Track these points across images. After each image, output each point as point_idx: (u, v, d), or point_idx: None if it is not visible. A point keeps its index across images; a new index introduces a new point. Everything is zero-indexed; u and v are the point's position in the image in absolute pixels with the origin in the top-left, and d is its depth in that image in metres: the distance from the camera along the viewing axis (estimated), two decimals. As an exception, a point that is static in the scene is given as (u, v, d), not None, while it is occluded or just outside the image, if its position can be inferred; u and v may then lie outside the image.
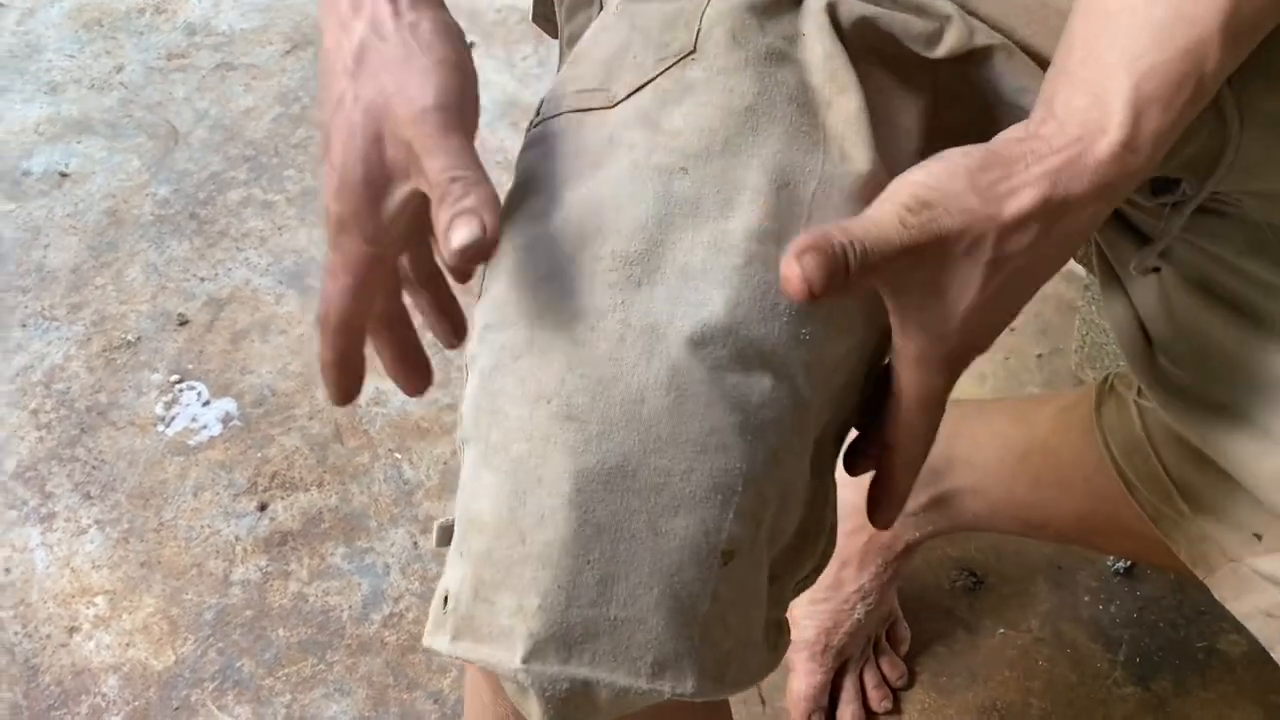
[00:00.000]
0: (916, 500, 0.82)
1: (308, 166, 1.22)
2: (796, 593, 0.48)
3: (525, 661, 0.40)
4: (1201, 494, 0.61)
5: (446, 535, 0.44)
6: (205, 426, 1.03)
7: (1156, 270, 0.56)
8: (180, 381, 1.06)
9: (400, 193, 0.44)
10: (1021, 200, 0.39)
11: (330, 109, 0.44)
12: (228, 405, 1.05)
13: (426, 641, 0.43)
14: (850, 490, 0.82)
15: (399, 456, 1.02)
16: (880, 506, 0.48)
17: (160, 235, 1.16)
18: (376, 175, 0.44)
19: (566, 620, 0.40)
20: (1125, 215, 0.57)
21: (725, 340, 0.41)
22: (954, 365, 0.44)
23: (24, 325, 1.09)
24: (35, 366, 1.06)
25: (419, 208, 0.44)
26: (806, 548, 0.47)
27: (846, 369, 0.46)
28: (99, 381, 1.05)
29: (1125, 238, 0.57)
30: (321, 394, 1.05)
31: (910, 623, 0.91)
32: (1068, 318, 1.08)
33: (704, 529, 0.40)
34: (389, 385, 1.07)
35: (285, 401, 1.05)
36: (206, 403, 1.05)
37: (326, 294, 0.47)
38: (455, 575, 0.42)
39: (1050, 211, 0.40)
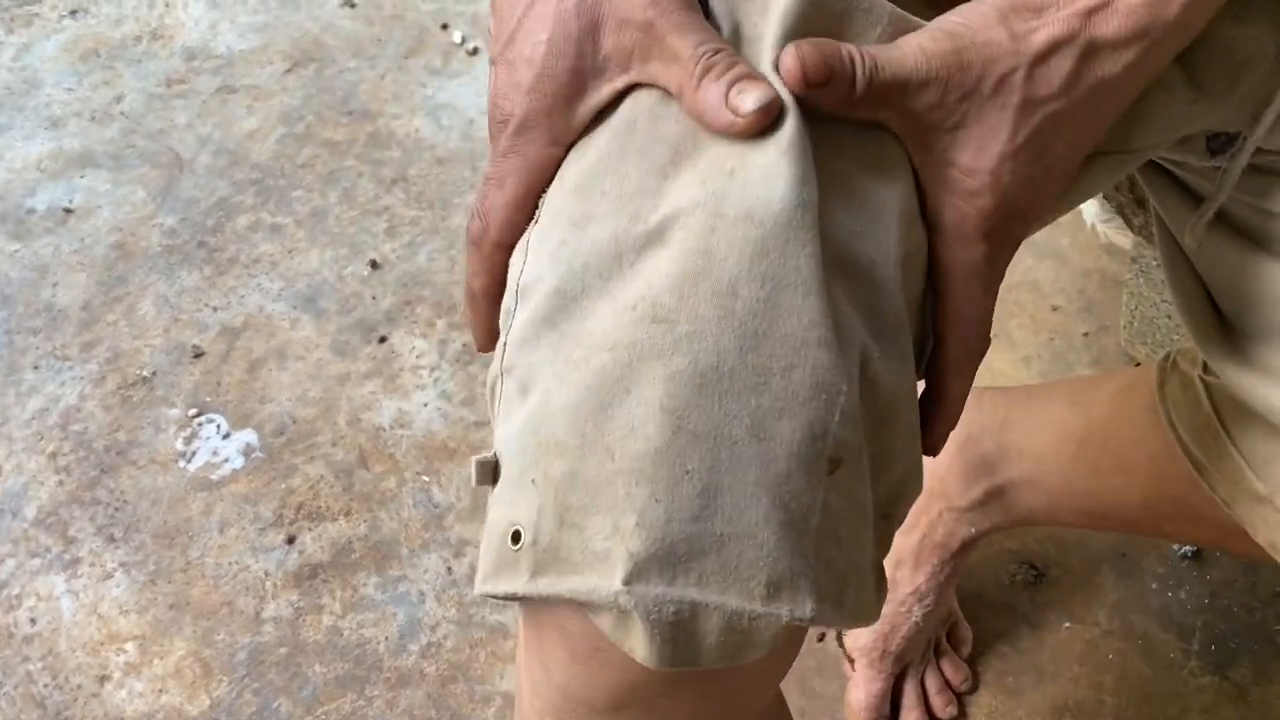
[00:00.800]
0: (970, 495, 0.78)
1: (315, 186, 1.19)
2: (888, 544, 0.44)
3: (627, 583, 0.36)
4: (1278, 473, 0.57)
5: (490, 472, 0.40)
6: (227, 460, 1.00)
7: (1218, 235, 0.53)
8: (199, 415, 1.03)
9: (606, 89, 0.40)
10: (1051, 31, 0.39)
11: (521, 6, 0.41)
12: (248, 436, 1.02)
13: (486, 588, 0.39)
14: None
15: (427, 480, 0.99)
16: (932, 422, 0.43)
17: (170, 266, 1.13)
18: (586, 67, 0.40)
19: (668, 536, 0.36)
20: (1182, 179, 0.53)
21: (815, 228, 0.38)
22: (993, 235, 0.40)
23: (36, 367, 1.06)
24: (50, 409, 1.03)
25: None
26: (907, 482, 0.42)
27: (920, 274, 0.42)
28: (116, 420, 1.03)
29: (1183, 203, 0.53)
30: (344, 419, 1.03)
31: (971, 622, 0.87)
32: (1113, 293, 1.04)
33: (810, 432, 0.37)
34: (412, 406, 1.05)
35: (307, 429, 1.02)
36: (227, 435, 1.02)
37: (488, 206, 0.42)
38: (526, 507, 0.38)
39: (1081, 49, 0.39)
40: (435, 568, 0.94)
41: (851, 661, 0.83)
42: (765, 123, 0.37)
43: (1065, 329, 1.03)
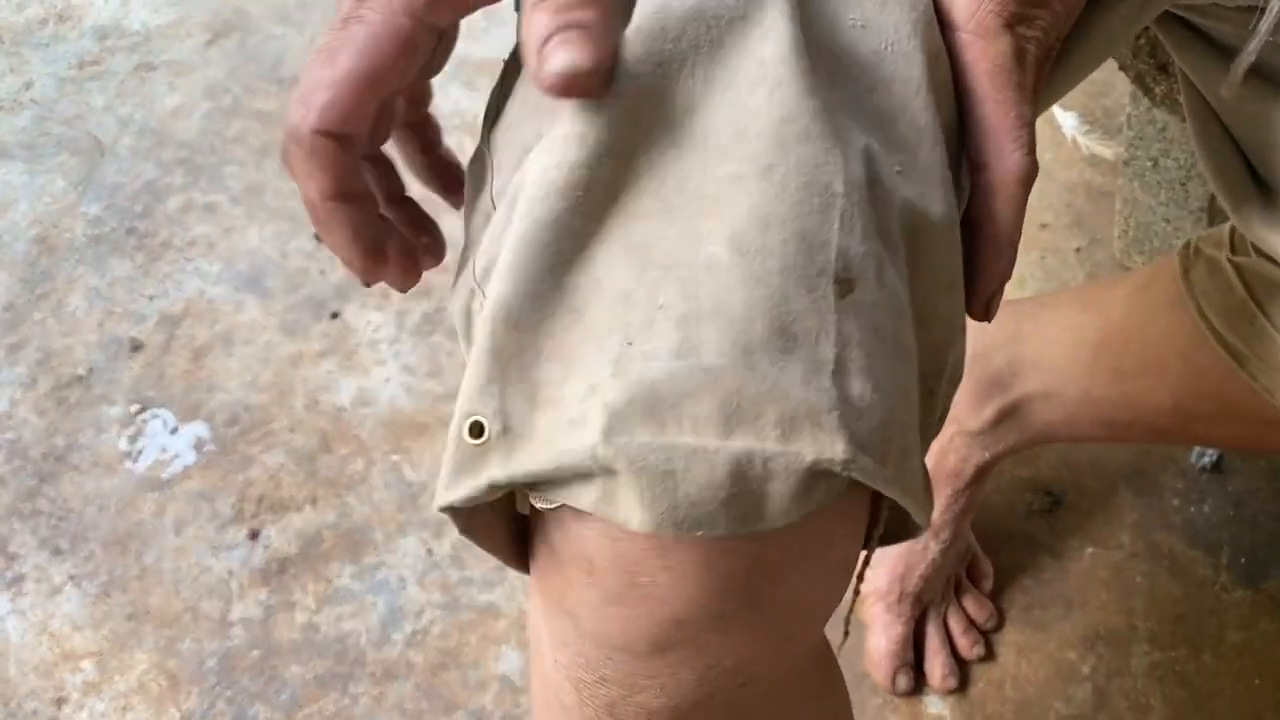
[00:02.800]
0: (983, 416, 0.73)
1: (249, 160, 1.11)
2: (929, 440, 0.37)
3: (605, 436, 0.30)
4: None
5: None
6: (177, 456, 0.93)
7: (1251, 88, 0.48)
8: (142, 411, 0.95)
9: None
10: None
11: None
12: (198, 429, 0.94)
13: (448, 497, 0.32)
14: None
15: (397, 459, 0.92)
16: (978, 273, 0.36)
17: (98, 257, 1.05)
18: None
19: (646, 378, 0.30)
20: (1207, 33, 0.48)
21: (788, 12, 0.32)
22: (1016, 22, 0.34)
23: (-40, 375, 0.98)
24: (-21, 418, 0.95)
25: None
26: (950, 345, 0.36)
27: (948, 88, 0.36)
28: (52, 424, 0.95)
29: (1211, 58, 0.48)
30: (301, 402, 0.96)
31: (989, 556, 0.82)
32: (1101, 204, 0.99)
33: (804, 242, 0.31)
34: (373, 383, 0.98)
35: (261, 416, 0.94)
36: (174, 430, 0.94)
37: (306, 88, 0.34)
38: (490, 396, 0.32)
39: None
40: (414, 550, 0.87)
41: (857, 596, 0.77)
42: (574, 92, 0.31)
43: (1056, 246, 0.99)
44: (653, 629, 0.33)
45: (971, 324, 0.37)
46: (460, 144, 0.33)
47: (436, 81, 0.42)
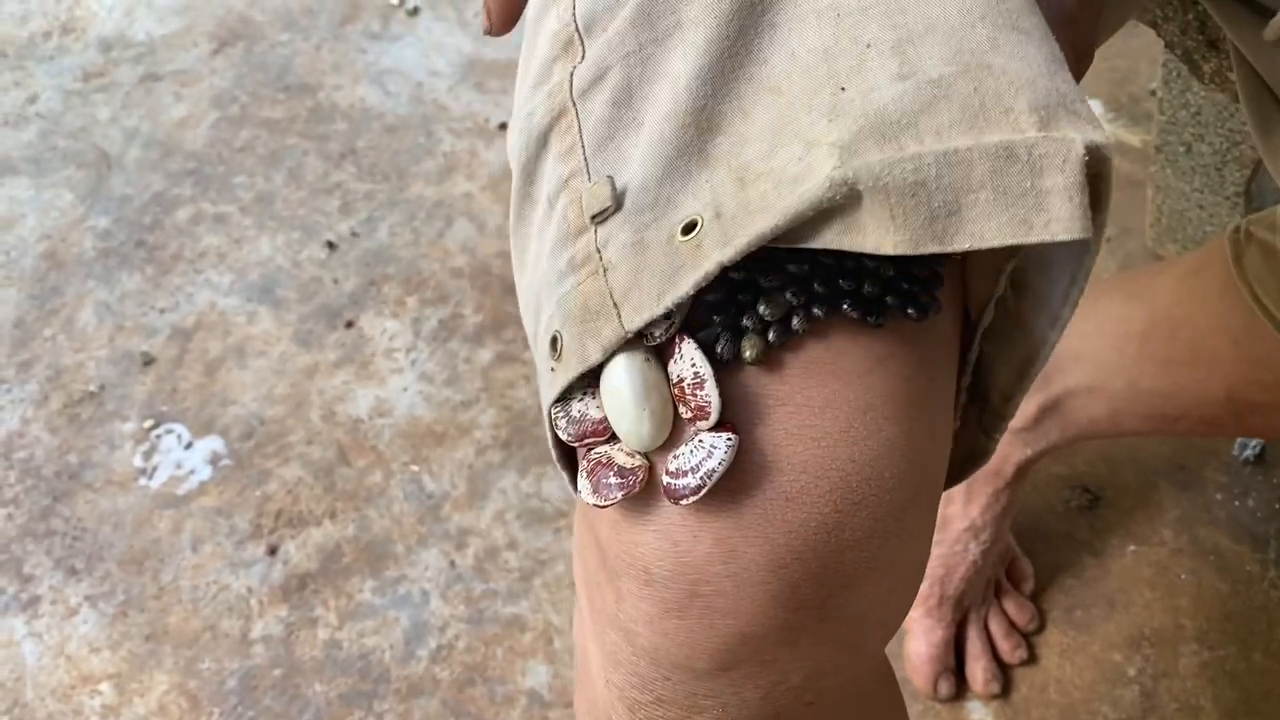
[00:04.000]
0: (1023, 413, 0.71)
1: (258, 170, 1.09)
2: None
3: (842, 162, 0.27)
4: None
5: (614, 197, 0.31)
6: (193, 471, 0.91)
7: None
8: (156, 426, 0.93)
9: None
10: None
11: None
12: (213, 444, 0.92)
13: (672, 296, 0.29)
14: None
15: (416, 469, 0.90)
16: None
17: (107, 270, 1.03)
18: None
19: (870, 107, 0.27)
20: (1261, 2, 0.46)
21: None
22: None
23: (-30, 394, 0.96)
24: (-10, 437, 0.93)
25: None
26: None
27: None
28: (65, 442, 0.93)
29: (1249, 18, 0.46)
30: (317, 414, 0.94)
31: (1029, 556, 0.80)
32: (1131, 194, 0.97)
33: None
34: (390, 392, 0.96)
35: (277, 429, 0.92)
36: (189, 445, 0.92)
37: None
38: (690, 195, 0.30)
39: None
40: (436, 563, 0.85)
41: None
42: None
43: (1085, 235, 0.96)
44: (716, 643, 0.31)
45: None
46: (473, 148, 0.31)
47: (444, 85, 0.41)
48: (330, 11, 1.22)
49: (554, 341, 0.32)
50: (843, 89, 0.28)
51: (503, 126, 1.08)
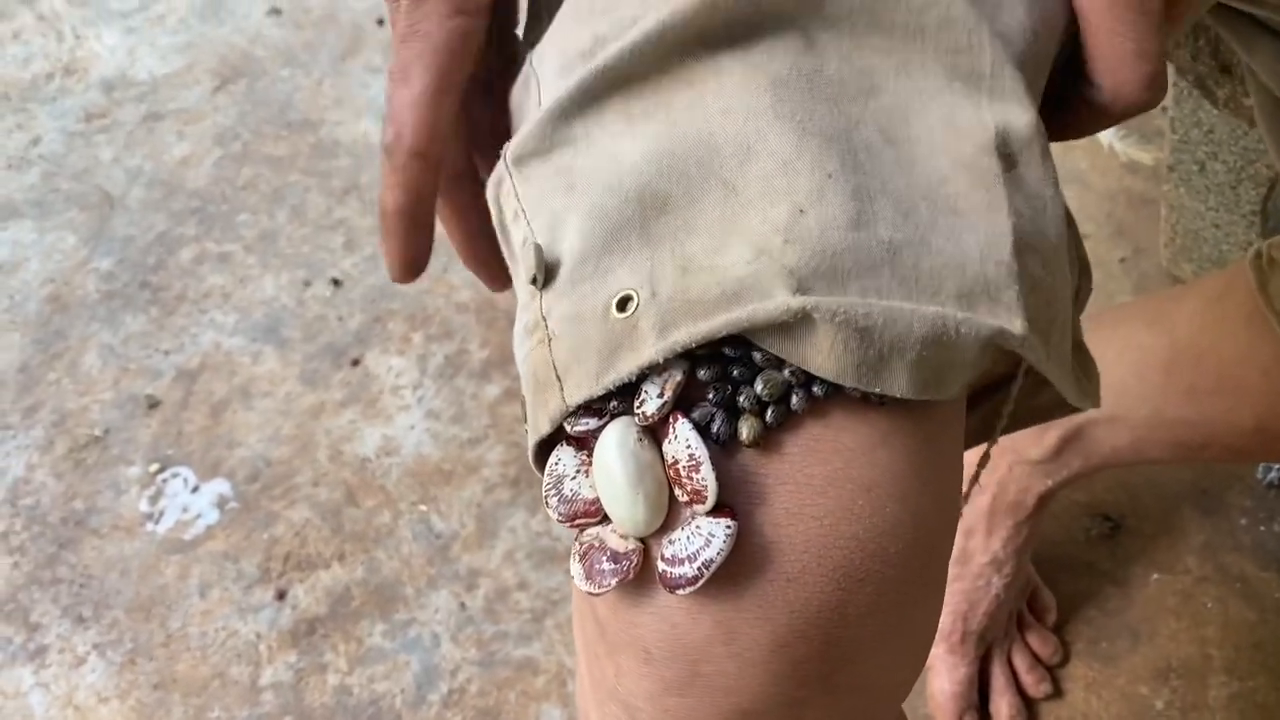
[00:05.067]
0: (1043, 444, 0.69)
1: (261, 207, 1.09)
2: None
3: (798, 294, 0.28)
4: None
5: (544, 267, 0.32)
6: (199, 515, 0.90)
7: None
8: (162, 470, 0.92)
9: None
10: None
11: None
12: (220, 487, 0.91)
13: (605, 381, 0.30)
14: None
15: (424, 509, 0.89)
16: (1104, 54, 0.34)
17: (111, 313, 1.02)
18: None
19: (827, 247, 0.29)
20: (1276, 28, 0.45)
21: None
22: None
23: (-25, 440, 0.95)
24: (-4, 484, 0.93)
25: None
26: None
27: None
28: (70, 488, 0.92)
29: (1267, 41, 0.45)
30: (324, 454, 0.93)
31: (1050, 587, 0.78)
32: (1144, 213, 0.96)
33: (953, 120, 0.30)
34: (397, 430, 0.95)
35: (284, 470, 0.91)
36: (195, 488, 0.91)
37: (395, 109, 0.36)
38: (630, 270, 0.30)
39: None
40: (446, 605, 0.84)
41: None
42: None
43: (1100, 257, 0.95)
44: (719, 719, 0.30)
45: None
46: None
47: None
48: (331, 47, 1.21)
49: (522, 403, 0.33)
50: (802, 211, 0.29)
51: (506, 158, 1.07)
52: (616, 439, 0.29)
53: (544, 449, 0.32)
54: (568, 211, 0.31)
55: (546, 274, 0.31)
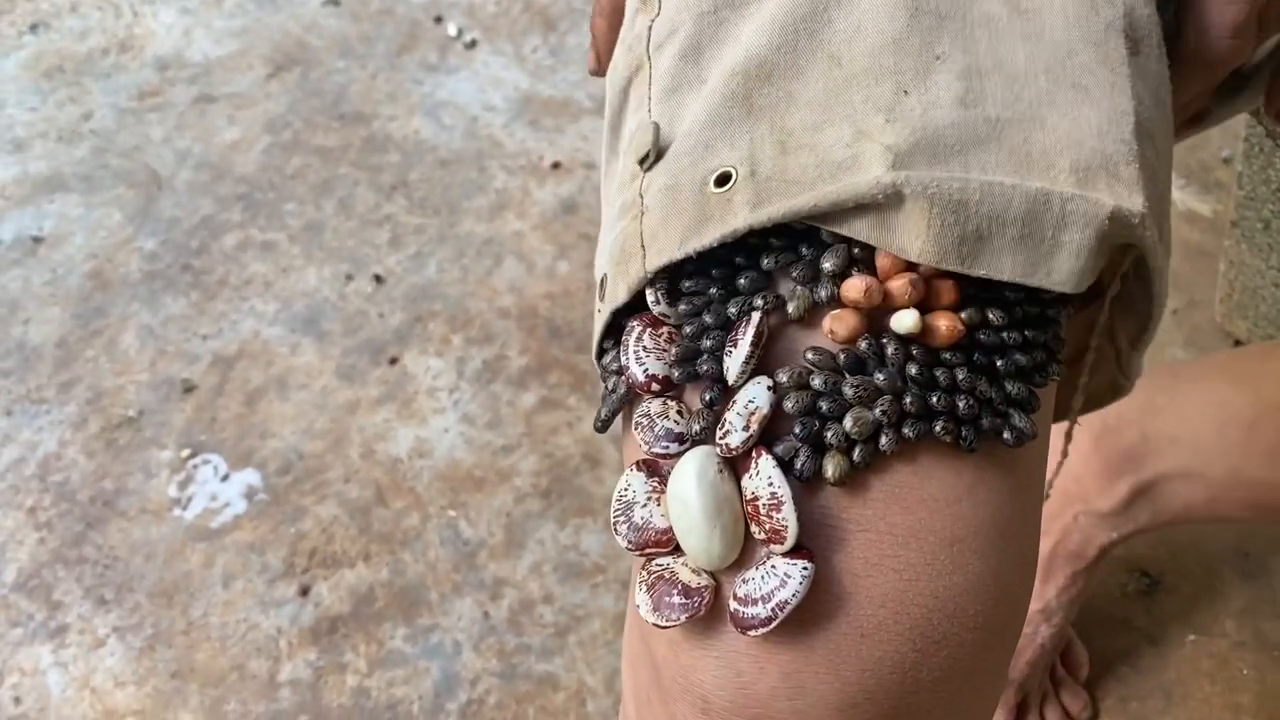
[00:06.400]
0: (1114, 495, 0.68)
1: (308, 198, 1.08)
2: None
3: (893, 167, 0.28)
4: None
5: (658, 146, 0.31)
6: (228, 504, 0.90)
7: None
8: (193, 456, 0.92)
9: None
10: None
11: None
12: (250, 477, 0.91)
13: (668, 253, 0.29)
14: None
15: (453, 514, 0.88)
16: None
17: (152, 294, 1.02)
18: None
19: (929, 125, 0.28)
20: None
21: None
22: None
23: (9, 413, 0.95)
24: (27, 458, 0.92)
25: None
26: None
27: None
28: (101, 467, 0.92)
29: None
30: (356, 451, 0.92)
31: (1084, 641, 0.77)
32: (1200, 265, 0.94)
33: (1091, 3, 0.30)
34: (431, 433, 0.94)
35: (315, 465, 0.91)
36: (225, 477, 0.91)
37: None
38: (731, 147, 0.30)
39: None
40: (470, 613, 0.83)
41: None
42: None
43: (1151, 307, 0.93)
44: None
45: None
46: (525, 186, 0.32)
47: (499, 122, 0.43)
48: (388, 40, 1.21)
49: (601, 283, 0.32)
50: (906, 92, 0.29)
51: (556, 165, 1.07)
52: (697, 468, 0.29)
53: (611, 333, 0.32)
54: (690, 95, 0.32)
55: (657, 155, 0.31)
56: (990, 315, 0.28)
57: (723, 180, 0.29)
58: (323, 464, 0.91)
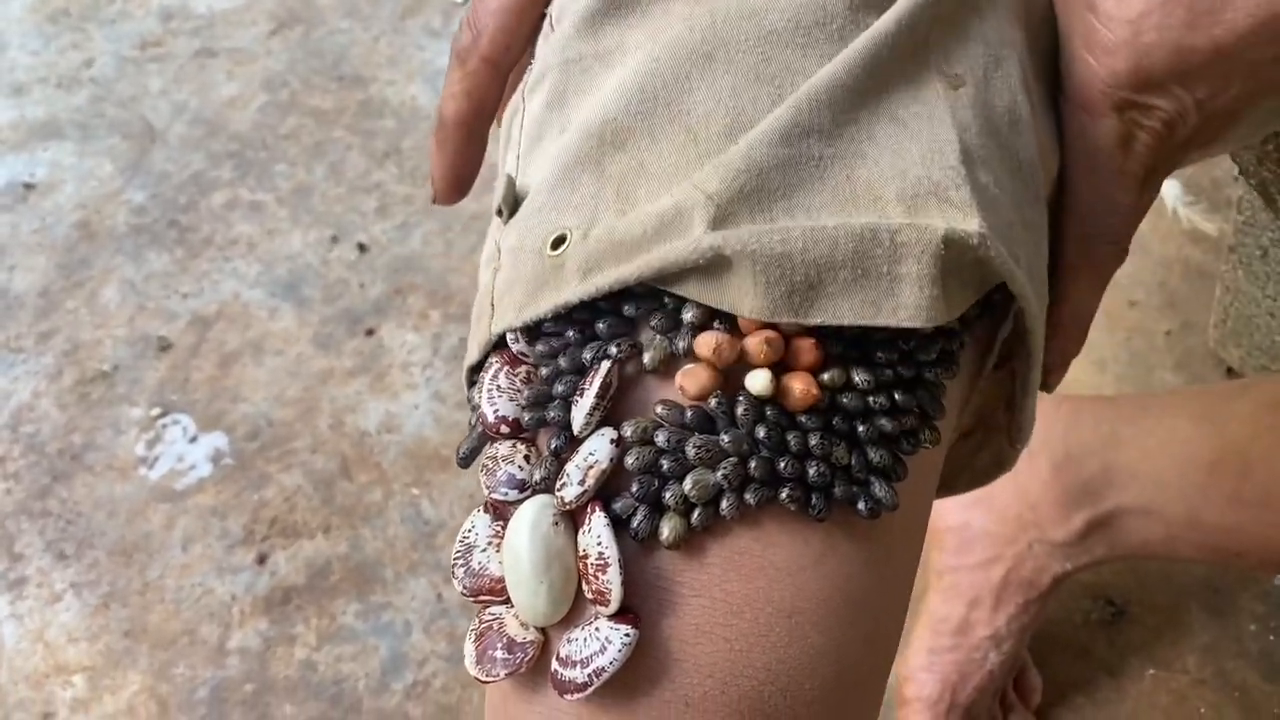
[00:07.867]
0: (1069, 526, 0.66)
1: (300, 160, 1.07)
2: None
3: (714, 228, 0.27)
4: None
5: (512, 199, 0.31)
6: (193, 467, 0.89)
7: None
8: (163, 415, 0.92)
9: None
10: None
11: None
12: (217, 440, 0.90)
13: (523, 316, 0.29)
14: (978, 512, 0.66)
15: (416, 493, 0.87)
16: (1047, 346, 0.33)
17: (137, 248, 1.02)
18: None
19: (752, 166, 0.27)
20: None
21: None
22: (1125, 108, 0.31)
23: (-14, 360, 0.95)
24: (1, 408, 0.93)
25: None
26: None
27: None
28: (72, 421, 0.92)
29: None
30: (326, 422, 0.92)
31: (1039, 667, 0.75)
32: (1199, 286, 0.91)
33: (896, 24, 0.29)
34: (401, 408, 0.93)
35: (284, 433, 0.90)
36: (194, 439, 0.91)
37: (478, 12, 0.35)
38: (575, 208, 0.29)
39: None
40: (423, 594, 0.82)
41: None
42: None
43: (1144, 327, 0.91)
44: None
45: (1061, 427, 0.38)
46: None
47: None
48: (393, 3, 1.19)
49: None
50: (730, 135, 0.28)
51: (552, 141, 1.05)
52: (530, 519, 0.27)
53: (476, 374, 0.32)
54: (551, 144, 0.31)
55: (513, 206, 0.30)
56: (855, 377, 0.27)
57: (558, 242, 0.28)
58: (291, 432, 0.91)
